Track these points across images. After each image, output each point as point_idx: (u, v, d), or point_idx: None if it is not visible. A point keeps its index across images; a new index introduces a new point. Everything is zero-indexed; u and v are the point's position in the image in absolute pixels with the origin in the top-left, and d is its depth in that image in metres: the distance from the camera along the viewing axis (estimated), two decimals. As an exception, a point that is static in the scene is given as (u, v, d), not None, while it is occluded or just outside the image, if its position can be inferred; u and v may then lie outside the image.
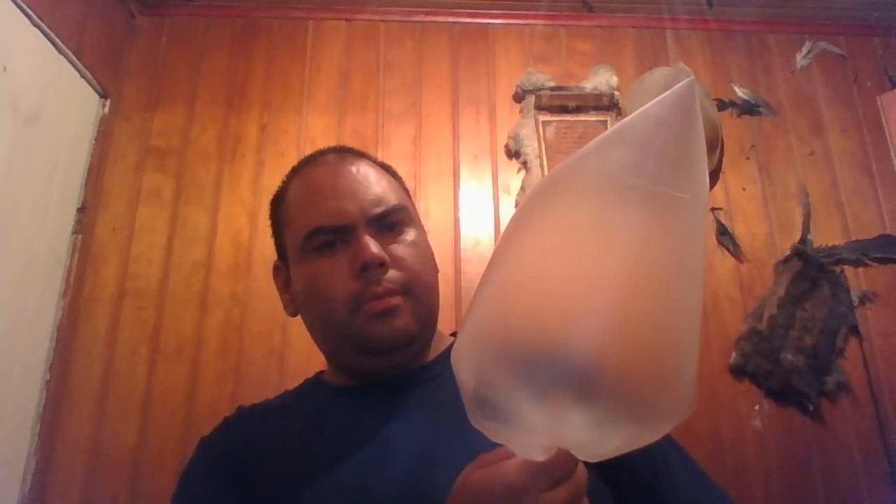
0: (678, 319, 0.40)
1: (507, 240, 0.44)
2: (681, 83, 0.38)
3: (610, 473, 0.59)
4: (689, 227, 0.40)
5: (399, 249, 0.68)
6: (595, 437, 0.41)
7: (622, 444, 0.42)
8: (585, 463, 0.44)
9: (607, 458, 0.42)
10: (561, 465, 0.42)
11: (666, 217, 0.39)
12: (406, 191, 0.77)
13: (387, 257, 0.65)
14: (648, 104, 0.38)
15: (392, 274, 0.66)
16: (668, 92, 0.38)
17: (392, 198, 0.70)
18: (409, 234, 0.70)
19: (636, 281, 0.39)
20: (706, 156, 0.40)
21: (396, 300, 0.65)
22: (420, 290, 0.68)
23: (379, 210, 0.68)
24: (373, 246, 0.65)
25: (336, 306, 0.65)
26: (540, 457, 0.42)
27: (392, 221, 0.69)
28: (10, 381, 1.33)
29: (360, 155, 0.76)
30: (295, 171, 0.76)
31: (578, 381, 0.39)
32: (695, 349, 0.41)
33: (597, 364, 0.38)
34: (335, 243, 0.67)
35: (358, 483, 0.60)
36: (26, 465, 1.37)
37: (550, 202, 0.42)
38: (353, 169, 0.71)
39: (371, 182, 0.70)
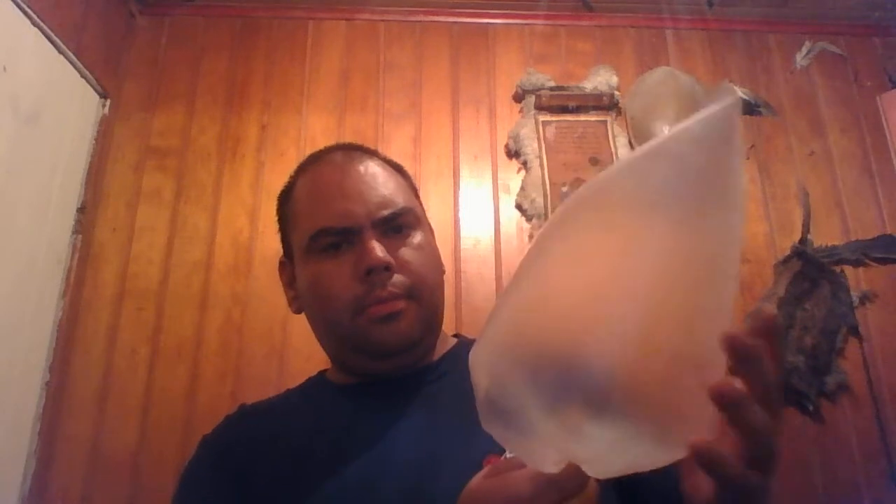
0: (703, 340, 0.38)
1: (537, 249, 0.43)
2: (724, 102, 0.36)
3: (627, 491, 0.57)
4: (721, 249, 0.38)
5: (405, 253, 0.67)
6: (605, 454, 0.39)
7: (633, 464, 0.40)
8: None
9: (616, 476, 0.40)
10: (570, 480, 0.41)
11: (698, 237, 0.38)
12: (414, 190, 0.77)
13: (392, 261, 0.65)
14: (688, 121, 0.37)
15: (397, 278, 0.65)
16: (709, 109, 0.36)
17: (400, 199, 0.70)
18: (416, 237, 0.70)
19: (662, 298, 0.38)
20: (744, 177, 0.39)
21: (401, 304, 0.65)
22: (425, 294, 0.67)
23: (386, 213, 0.67)
24: (378, 250, 0.64)
25: (339, 307, 0.65)
26: (550, 469, 0.41)
27: (399, 224, 0.68)
28: (10, 381, 1.33)
29: (369, 153, 0.75)
30: (302, 169, 0.75)
31: (590, 392, 0.37)
32: (720, 371, 0.38)
33: (610, 377, 0.37)
34: (340, 245, 0.66)
35: (361, 482, 0.60)
36: (26, 465, 1.37)
37: (583, 216, 0.41)
38: (361, 169, 0.70)
39: (379, 183, 0.69)
